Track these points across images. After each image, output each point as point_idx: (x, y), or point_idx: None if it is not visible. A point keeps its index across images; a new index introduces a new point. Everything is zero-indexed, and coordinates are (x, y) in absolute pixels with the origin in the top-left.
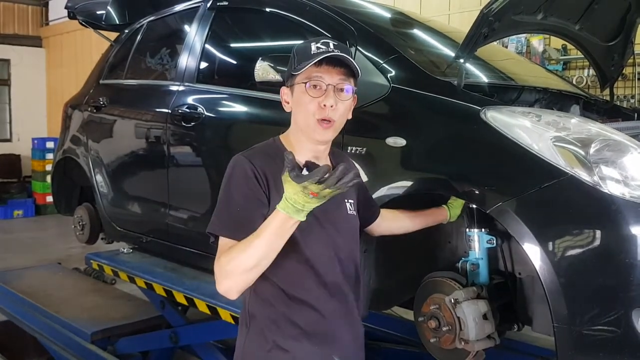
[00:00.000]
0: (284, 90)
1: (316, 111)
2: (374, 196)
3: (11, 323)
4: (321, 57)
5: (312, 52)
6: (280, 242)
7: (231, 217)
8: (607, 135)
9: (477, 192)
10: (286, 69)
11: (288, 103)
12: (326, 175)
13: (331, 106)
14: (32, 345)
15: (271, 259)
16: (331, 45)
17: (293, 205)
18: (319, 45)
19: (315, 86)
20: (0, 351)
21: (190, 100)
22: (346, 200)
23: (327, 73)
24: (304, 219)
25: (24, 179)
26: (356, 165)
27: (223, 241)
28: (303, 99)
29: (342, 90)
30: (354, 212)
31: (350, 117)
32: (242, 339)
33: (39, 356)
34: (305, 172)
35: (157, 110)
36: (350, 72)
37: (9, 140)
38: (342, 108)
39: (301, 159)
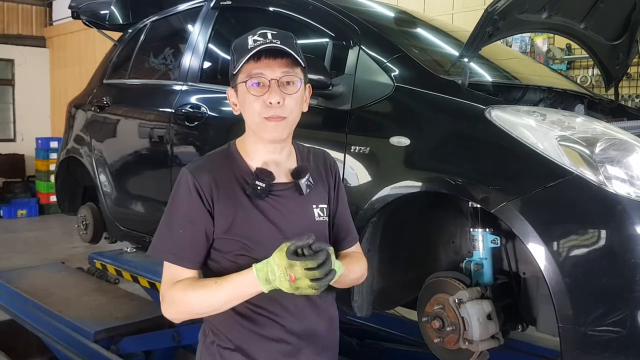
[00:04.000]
0: (230, 91)
1: (262, 109)
2: (377, 196)
3: (14, 322)
4: (253, 52)
5: (248, 47)
6: (237, 301)
7: (174, 240)
8: (613, 135)
9: (481, 191)
10: None
11: (236, 105)
12: (320, 260)
13: (277, 103)
14: (35, 344)
15: (225, 308)
16: (269, 36)
17: (269, 272)
18: (255, 37)
19: (257, 83)
20: (4, 350)
21: (193, 99)
22: (314, 206)
23: (267, 67)
24: (266, 291)
25: (28, 179)
26: (359, 165)
27: (168, 265)
28: (247, 99)
29: (287, 83)
30: (325, 218)
31: (305, 109)
32: (200, 349)
33: (42, 355)
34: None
35: (161, 109)
36: (295, 61)
37: (13, 140)
38: (291, 103)
39: (255, 164)
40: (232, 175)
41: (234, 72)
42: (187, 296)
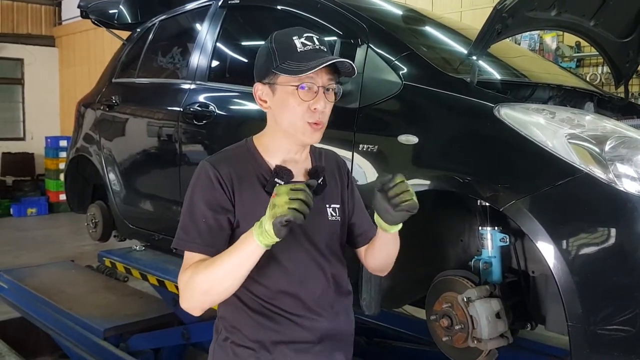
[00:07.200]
0: (259, 87)
1: (305, 114)
2: None
3: (25, 320)
4: (324, 65)
5: (298, 49)
6: (240, 265)
7: (197, 230)
8: (623, 133)
9: (490, 190)
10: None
11: (265, 102)
12: (299, 186)
13: (322, 109)
14: (45, 341)
15: (234, 283)
16: (316, 41)
17: (264, 219)
18: (303, 40)
19: (304, 88)
20: (14, 347)
21: (201, 98)
22: (328, 206)
23: (317, 74)
24: (256, 237)
25: (38, 178)
26: (367, 163)
27: (189, 254)
28: (290, 101)
29: (329, 90)
30: (337, 218)
31: None
32: (213, 345)
33: (52, 353)
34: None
35: (169, 108)
36: (335, 69)
37: (23, 139)
38: (329, 109)
39: (274, 162)
40: (251, 171)
41: (278, 73)
42: (196, 273)
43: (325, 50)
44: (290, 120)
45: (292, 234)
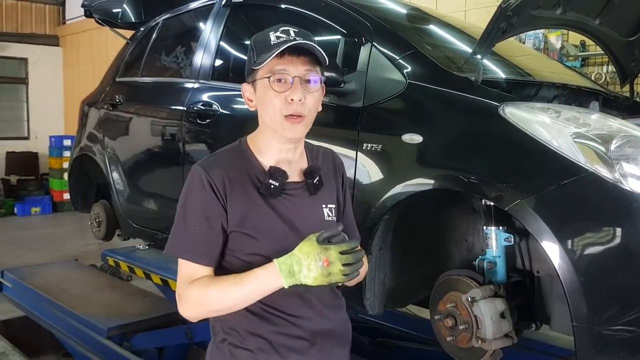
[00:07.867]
0: (245, 87)
1: (283, 106)
2: (389, 194)
3: (28, 319)
4: (283, 48)
5: (271, 43)
6: (256, 298)
7: (190, 238)
8: (629, 132)
9: (494, 189)
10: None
11: (251, 101)
12: (354, 245)
13: (299, 100)
14: (48, 340)
15: (244, 306)
16: (292, 33)
17: (293, 264)
18: (278, 34)
19: (279, 80)
20: (18, 346)
21: (205, 97)
22: (324, 206)
23: (291, 64)
24: (286, 285)
25: (42, 177)
26: (371, 162)
27: (184, 263)
28: (267, 95)
29: (308, 81)
30: (333, 218)
31: (320, 109)
32: (210, 347)
33: (56, 351)
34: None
35: (173, 107)
36: (316, 60)
37: (27, 138)
38: (311, 101)
39: (268, 162)
40: (244, 172)
41: (255, 68)
42: (207, 294)
43: (301, 41)
44: (270, 114)
45: (290, 236)
